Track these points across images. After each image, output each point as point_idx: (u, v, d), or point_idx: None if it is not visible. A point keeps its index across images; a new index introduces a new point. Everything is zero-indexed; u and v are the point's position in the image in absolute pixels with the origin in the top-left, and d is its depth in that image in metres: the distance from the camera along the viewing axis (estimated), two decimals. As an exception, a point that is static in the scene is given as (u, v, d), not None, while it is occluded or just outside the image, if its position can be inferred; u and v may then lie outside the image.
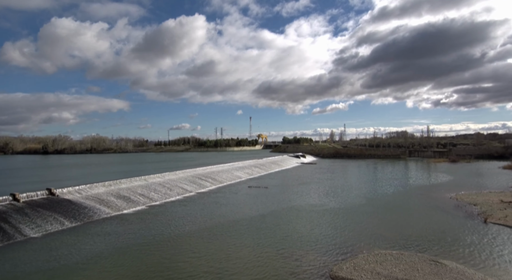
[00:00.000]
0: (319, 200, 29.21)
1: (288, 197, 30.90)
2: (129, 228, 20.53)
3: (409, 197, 30.34)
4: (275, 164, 66.03)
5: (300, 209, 25.33)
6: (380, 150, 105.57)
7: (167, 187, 32.78)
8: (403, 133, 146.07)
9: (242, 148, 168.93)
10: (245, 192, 34.38)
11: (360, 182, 41.68)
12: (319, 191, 34.56)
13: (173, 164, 68.91)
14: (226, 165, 51.63)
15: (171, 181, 35.46)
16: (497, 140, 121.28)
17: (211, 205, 27.15)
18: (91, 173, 47.86)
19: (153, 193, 30.19)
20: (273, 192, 34.07)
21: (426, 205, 26.24)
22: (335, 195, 31.76)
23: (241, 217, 23.00)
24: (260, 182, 42.62)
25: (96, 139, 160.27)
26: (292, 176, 50.02)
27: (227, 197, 31.21)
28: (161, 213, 24.36)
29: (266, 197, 30.72)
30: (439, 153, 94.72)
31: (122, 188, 30.00)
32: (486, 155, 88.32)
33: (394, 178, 46.24)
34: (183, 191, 32.89)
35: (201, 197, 31.00)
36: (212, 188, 36.91)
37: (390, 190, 34.85)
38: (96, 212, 23.95)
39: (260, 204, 27.43)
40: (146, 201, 28.10)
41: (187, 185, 35.33)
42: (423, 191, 33.39)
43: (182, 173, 40.48)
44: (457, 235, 17.98)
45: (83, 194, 27.09)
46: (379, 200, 28.96)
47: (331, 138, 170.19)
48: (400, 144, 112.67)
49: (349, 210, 24.94)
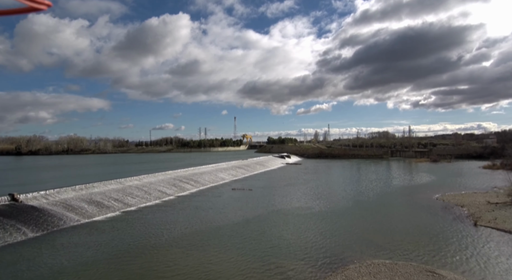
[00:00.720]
0: (305, 202, 28.11)
1: (274, 200, 29.63)
2: (99, 238, 18.58)
3: (396, 198, 29.78)
4: (260, 164, 64.76)
5: (287, 213, 24.09)
6: (363, 150, 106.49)
7: (144, 191, 30.76)
8: (385, 133, 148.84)
9: (226, 149, 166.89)
10: (229, 195, 32.85)
11: (346, 183, 41.04)
12: (305, 193, 33.52)
13: (153, 165, 66.32)
14: (209, 167, 49.86)
15: (150, 184, 33.41)
16: (474, 140, 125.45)
17: (191, 210, 25.45)
18: (63, 176, 44.91)
19: (129, 198, 28.13)
20: (258, 194, 32.72)
21: (414, 207, 25.64)
22: (321, 197, 30.79)
23: (223, 223, 21.48)
24: (245, 184, 41.17)
25: (73, 140, 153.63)
26: (277, 177, 48.89)
27: (209, 200, 29.57)
28: (136, 220, 22.46)
29: (251, 200, 29.32)
30: (420, 153, 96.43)
31: (94, 192, 27.76)
32: (465, 155, 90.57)
33: (379, 178, 45.97)
34: (162, 195, 30.97)
35: (182, 201, 29.21)
36: (194, 191, 35.13)
37: (376, 191, 34.28)
38: (63, 219, 21.77)
39: (244, 208, 25.99)
40: (120, 206, 26.04)
41: (167, 188, 33.39)
42: (409, 192, 33.00)
43: (162, 175, 38.44)
44: (449, 240, 17.24)
45: (51, 199, 24.73)
46: (366, 202, 28.19)
47: (316, 138, 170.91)
48: (383, 144, 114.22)
49: (336, 213, 23.94)
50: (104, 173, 47.41)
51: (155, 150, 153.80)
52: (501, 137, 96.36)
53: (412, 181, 42.43)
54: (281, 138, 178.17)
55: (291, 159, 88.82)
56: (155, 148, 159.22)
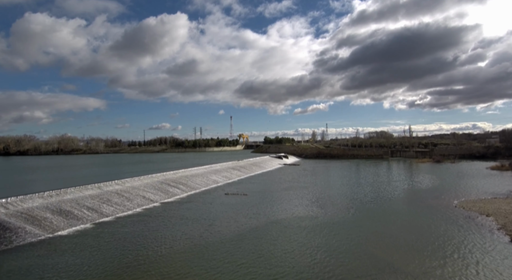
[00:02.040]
0: (307, 211, 24.73)
1: (272, 207, 26.21)
2: (59, 260, 15.03)
3: (409, 205, 26.52)
4: (256, 166, 61.34)
5: (286, 225, 20.69)
6: (362, 150, 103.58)
7: (125, 197, 27.17)
8: (382, 133, 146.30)
9: (222, 149, 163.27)
10: (221, 201, 29.37)
11: (349, 187, 37.74)
12: (306, 199, 30.16)
13: (143, 166, 62.59)
14: (201, 168, 46.30)
15: (132, 188, 29.81)
16: (473, 140, 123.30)
17: (176, 222, 21.92)
18: (38, 179, 41.15)
19: (106, 206, 24.53)
20: (253, 200, 29.29)
21: (432, 216, 22.37)
22: (325, 204, 27.45)
23: (213, 239, 18.02)
24: (239, 187, 37.73)
25: (64, 139, 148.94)
26: (274, 180, 45.50)
27: (198, 208, 26.08)
28: (108, 235, 18.90)
29: (246, 208, 25.89)
30: (421, 153, 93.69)
31: (66, 199, 24.11)
32: (467, 155, 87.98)
33: (383, 181, 42.78)
34: (145, 202, 27.39)
35: (167, 209, 25.67)
36: (183, 196, 31.60)
37: (384, 196, 31.03)
38: (20, 234, 18.18)
39: (238, 219, 22.53)
40: (94, 216, 22.44)
41: (152, 194, 29.83)
42: (422, 197, 29.79)
43: (148, 178, 34.82)
44: (483, 261, 13.96)
45: (11, 209, 21.06)
46: (375, 211, 24.90)
47: (313, 138, 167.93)
48: (382, 144, 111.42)
49: (344, 225, 20.60)
50: (86, 175, 43.72)
51: (149, 150, 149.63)
52: (505, 136, 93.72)
53: (421, 184, 39.24)
54: (278, 138, 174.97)
55: (289, 160, 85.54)
56: (149, 148, 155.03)
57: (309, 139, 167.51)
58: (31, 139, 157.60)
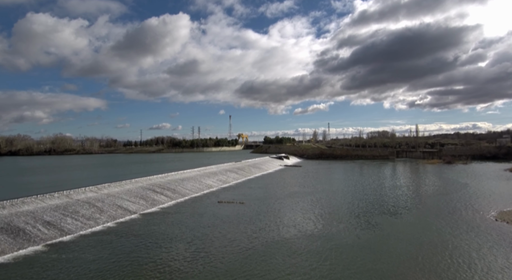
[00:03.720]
0: (315, 226, 20.26)
1: (272, 220, 21.74)
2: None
3: (436, 219, 22.01)
4: (255, 167, 56.84)
5: (292, 247, 16.21)
6: (367, 150, 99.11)
7: (97, 208, 22.67)
8: (384, 132, 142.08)
9: (221, 149, 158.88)
10: (213, 211, 24.89)
11: (359, 193, 33.26)
12: (312, 209, 25.70)
13: (133, 168, 58.15)
14: (194, 171, 41.83)
15: (108, 196, 25.32)
16: (476, 139, 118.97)
17: (152, 244, 17.41)
18: (3, 184, 36.60)
19: (69, 220, 20.03)
20: (251, 211, 24.82)
21: (469, 236, 17.90)
22: (336, 216, 23.00)
23: (196, 270, 13.55)
24: (236, 193, 33.27)
25: (57, 139, 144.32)
26: (275, 184, 41.01)
27: (184, 222, 21.58)
28: (60, 263, 14.40)
29: (242, 222, 21.42)
30: (428, 153, 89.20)
31: (21, 212, 19.65)
32: (477, 155, 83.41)
33: (397, 186, 38.33)
34: (120, 213, 22.89)
35: (145, 223, 21.18)
36: (169, 204, 27.13)
37: (403, 205, 26.57)
38: None
39: (232, 238, 18.03)
40: (50, 235, 17.95)
41: (131, 203, 25.34)
42: (448, 207, 25.33)
43: (131, 183, 30.39)
44: None
45: None
46: (397, 227, 20.47)
47: (315, 138, 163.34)
48: (387, 144, 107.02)
49: (364, 246, 16.16)
50: (62, 179, 39.39)
51: (144, 151, 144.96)
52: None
53: (441, 189, 34.71)
54: (279, 138, 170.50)
55: (289, 161, 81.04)
56: (144, 148, 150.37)
57: (311, 139, 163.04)
58: (25, 138, 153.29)
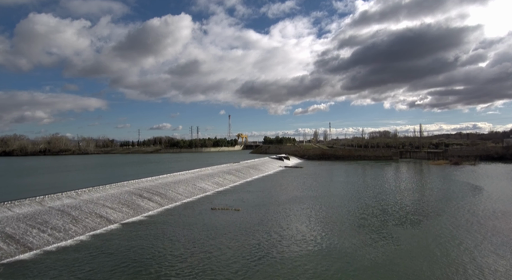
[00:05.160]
0: (321, 239, 17.41)
1: (270, 232, 18.89)
2: None
3: (467, 232, 19.12)
4: (254, 169, 53.99)
5: (293, 268, 13.36)
6: (369, 151, 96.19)
7: (72, 217, 19.83)
8: (386, 132, 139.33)
9: (220, 149, 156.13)
10: (205, 220, 22.05)
11: (368, 198, 30.42)
12: (317, 218, 22.87)
13: (125, 169, 55.31)
14: (188, 173, 39.00)
15: (88, 203, 22.47)
16: (479, 139, 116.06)
17: (128, 264, 14.54)
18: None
19: (35, 232, 17.19)
20: (248, 219, 21.98)
21: (505, 250, 15.08)
22: (343, 227, 20.19)
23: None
24: (232, 198, 30.44)
25: (53, 139, 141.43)
26: (275, 187, 38.17)
27: (171, 235, 18.74)
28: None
29: (237, 234, 18.57)
30: (433, 153, 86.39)
31: (-21, 223, 16.83)
32: (484, 156, 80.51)
33: (406, 189, 35.54)
34: (98, 223, 20.04)
35: (125, 236, 18.32)
36: (156, 211, 24.29)
37: (419, 212, 23.74)
38: None
39: (220, 255, 15.19)
40: (8, 251, 15.07)
41: (113, 210, 22.49)
42: (469, 214, 22.49)
43: (117, 187, 27.55)
44: None
45: None
46: (418, 240, 17.64)
47: (315, 138, 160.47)
48: (389, 144, 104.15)
49: (378, 266, 13.34)
50: (46, 182, 36.55)
51: (141, 151, 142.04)
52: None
53: (458, 193, 31.76)
54: (279, 138, 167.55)
55: (290, 161, 78.19)
56: (142, 148, 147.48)
57: (311, 139, 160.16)
58: (20, 138, 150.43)
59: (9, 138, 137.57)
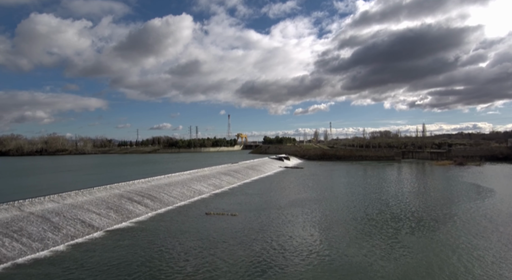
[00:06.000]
0: (328, 250, 15.64)
1: (270, 241, 17.10)
2: None
3: (480, 239, 17.38)
4: (253, 169, 52.20)
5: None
6: (371, 151, 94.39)
7: (52, 223, 18.03)
8: (387, 132, 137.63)
9: (219, 149, 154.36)
10: (199, 226, 20.27)
11: (376, 202, 28.63)
12: (322, 224, 21.09)
13: (120, 170, 53.47)
14: (184, 174, 37.20)
15: (72, 208, 20.68)
16: (481, 139, 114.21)
17: (113, 274, 12.78)
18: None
19: (7, 242, 15.35)
20: (245, 226, 20.19)
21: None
22: (351, 235, 18.41)
23: None
24: (229, 201, 28.67)
25: (50, 139, 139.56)
26: (274, 189, 36.37)
27: (159, 242, 16.95)
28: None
29: (232, 244, 16.79)
30: (436, 154, 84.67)
31: None
32: (489, 156, 78.85)
33: (414, 192, 33.77)
34: (80, 231, 18.23)
35: (108, 245, 16.52)
36: (146, 217, 22.51)
37: (432, 217, 21.95)
38: None
39: (217, 269, 13.40)
40: (-30, 266, 13.32)
41: (98, 215, 20.69)
42: (486, 221, 20.71)
43: (106, 190, 25.73)
44: None
45: None
46: (436, 250, 15.87)
47: (316, 138, 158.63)
48: (391, 144, 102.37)
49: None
50: (33, 184, 34.76)
51: (139, 151, 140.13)
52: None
53: (470, 196, 29.95)
54: (279, 138, 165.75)
55: (290, 162, 76.41)
56: (140, 148, 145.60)
57: (312, 139, 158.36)
58: (18, 138, 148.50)
59: (5, 138, 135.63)
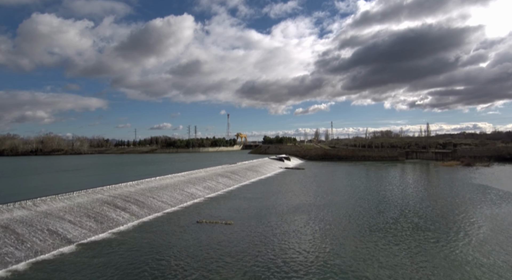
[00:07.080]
0: (336, 268, 13.13)
1: (271, 254, 14.59)
2: None
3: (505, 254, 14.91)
4: (252, 170, 49.70)
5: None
6: (374, 151, 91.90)
7: (17, 235, 15.50)
8: (388, 132, 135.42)
9: (218, 149, 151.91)
10: (187, 238, 17.75)
11: (385, 207, 26.14)
12: (328, 235, 18.58)
13: (112, 171, 50.96)
14: (177, 175, 34.73)
15: (46, 215, 18.17)
16: (485, 139, 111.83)
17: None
18: None
19: (-47, 261, 12.89)
20: (240, 237, 17.68)
21: None
22: (359, 247, 15.89)
23: None
24: (224, 206, 26.17)
25: (46, 139, 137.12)
26: (274, 192, 33.84)
27: (137, 260, 14.45)
28: None
29: (225, 258, 14.28)
30: (441, 154, 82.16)
31: None
32: (495, 156, 76.29)
33: (427, 195, 31.28)
34: (48, 245, 15.70)
35: (80, 263, 14.02)
36: (129, 226, 20.01)
37: (448, 224, 19.44)
38: None
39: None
40: None
41: (73, 225, 18.18)
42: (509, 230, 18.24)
43: (87, 194, 23.23)
44: None
45: None
46: (455, 263, 13.37)
47: (317, 137, 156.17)
48: (394, 144, 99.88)
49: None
50: (15, 187, 32.32)
51: (137, 151, 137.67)
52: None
53: (488, 201, 27.47)
54: (279, 137, 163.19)
55: (291, 162, 73.93)
56: (137, 148, 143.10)
57: (313, 138, 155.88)
58: (14, 137, 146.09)
59: (0, 138, 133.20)
